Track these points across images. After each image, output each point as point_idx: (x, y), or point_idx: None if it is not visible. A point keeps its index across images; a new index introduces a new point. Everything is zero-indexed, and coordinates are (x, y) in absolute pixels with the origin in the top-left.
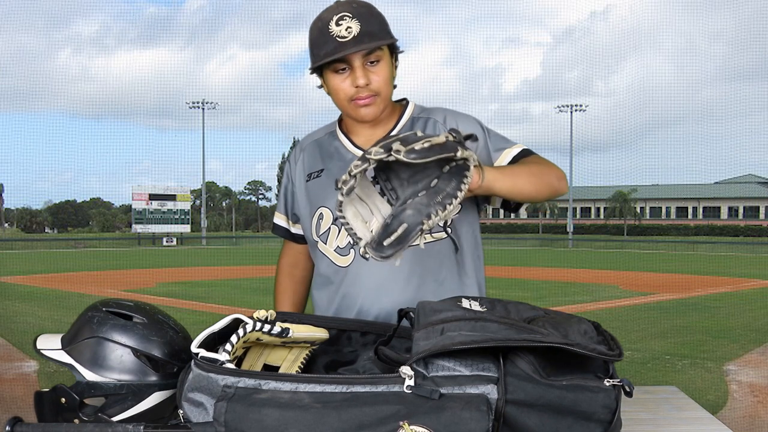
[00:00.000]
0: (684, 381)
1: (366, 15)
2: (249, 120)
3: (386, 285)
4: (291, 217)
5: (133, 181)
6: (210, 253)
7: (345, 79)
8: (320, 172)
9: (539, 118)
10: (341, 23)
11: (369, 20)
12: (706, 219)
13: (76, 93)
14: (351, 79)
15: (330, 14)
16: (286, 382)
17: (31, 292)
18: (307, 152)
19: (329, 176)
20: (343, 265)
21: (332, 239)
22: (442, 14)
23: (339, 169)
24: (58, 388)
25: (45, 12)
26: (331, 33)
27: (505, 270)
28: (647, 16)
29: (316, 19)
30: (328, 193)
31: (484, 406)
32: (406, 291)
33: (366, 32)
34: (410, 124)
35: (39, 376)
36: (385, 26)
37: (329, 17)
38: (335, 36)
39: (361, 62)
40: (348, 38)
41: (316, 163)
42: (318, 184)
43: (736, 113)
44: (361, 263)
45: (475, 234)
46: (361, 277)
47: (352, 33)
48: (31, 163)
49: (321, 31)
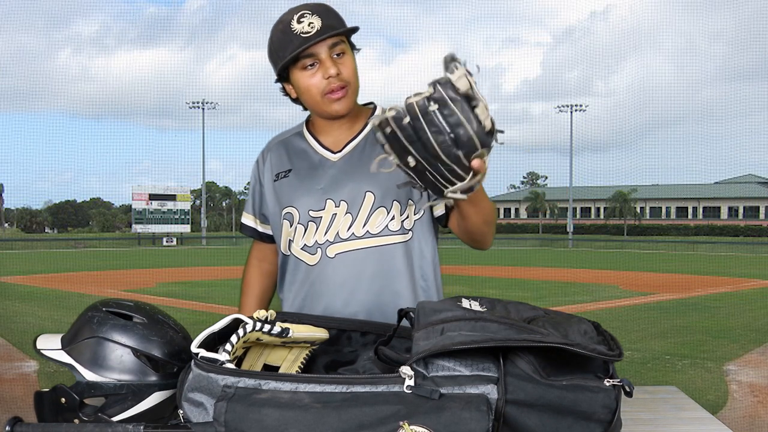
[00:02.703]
0: (684, 381)
1: (324, 11)
2: (249, 120)
3: (351, 283)
4: (259, 217)
5: (133, 181)
6: (210, 253)
7: (315, 74)
8: (288, 172)
9: (539, 118)
10: (302, 20)
11: (328, 15)
12: (706, 219)
13: (76, 93)
14: (321, 71)
15: (289, 15)
16: (286, 382)
17: (31, 292)
18: (274, 152)
19: (297, 176)
20: (310, 263)
21: (299, 238)
22: (442, 14)
23: (306, 169)
24: (58, 388)
25: (45, 12)
26: (294, 31)
27: (505, 270)
28: (647, 16)
29: (276, 23)
30: (296, 192)
31: (484, 406)
32: (371, 290)
33: (328, 25)
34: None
35: (39, 376)
36: (342, 21)
37: (289, 18)
38: (298, 33)
39: (327, 54)
40: (312, 32)
41: (283, 163)
42: (286, 184)
43: (736, 113)
44: (328, 262)
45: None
46: (327, 275)
47: (314, 27)
48: (31, 163)
49: (284, 32)
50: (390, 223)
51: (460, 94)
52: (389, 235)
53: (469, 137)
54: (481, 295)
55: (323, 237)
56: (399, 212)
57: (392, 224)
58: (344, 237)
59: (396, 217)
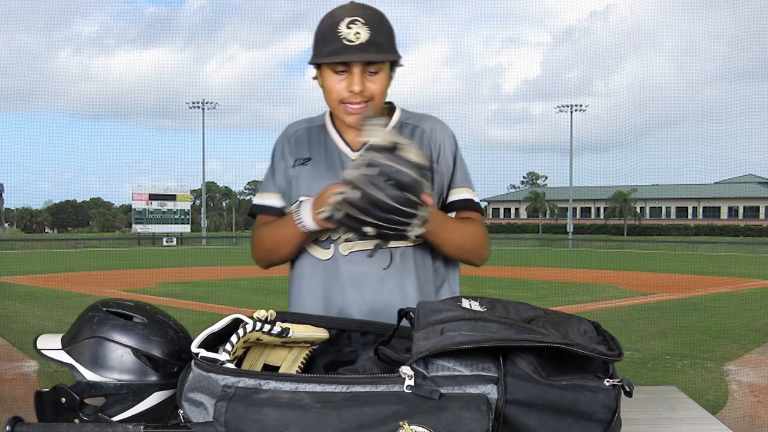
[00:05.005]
0: (684, 381)
1: (377, 24)
2: (249, 120)
3: (363, 282)
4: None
5: (133, 181)
6: (210, 253)
7: (341, 81)
8: (307, 161)
9: (539, 118)
10: (351, 27)
11: (379, 30)
12: (706, 219)
13: (76, 93)
14: (347, 82)
15: (343, 14)
16: (286, 382)
17: (31, 292)
18: (296, 138)
19: (315, 167)
20: (322, 258)
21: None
22: (442, 14)
23: (325, 162)
24: (58, 388)
25: (45, 12)
26: (339, 34)
27: (505, 270)
28: (647, 16)
29: (328, 15)
30: (312, 183)
31: (484, 406)
32: (383, 289)
33: (373, 42)
34: (398, 129)
35: (39, 376)
36: (392, 40)
37: (341, 17)
38: (342, 38)
39: (360, 69)
40: (354, 43)
41: (303, 150)
42: (303, 172)
43: (736, 113)
44: (341, 258)
45: None
46: (340, 271)
47: (359, 39)
48: (31, 163)
49: (330, 29)
50: None
51: (385, 147)
52: None
53: (410, 177)
54: (481, 295)
55: (337, 233)
56: None
57: None
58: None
59: None
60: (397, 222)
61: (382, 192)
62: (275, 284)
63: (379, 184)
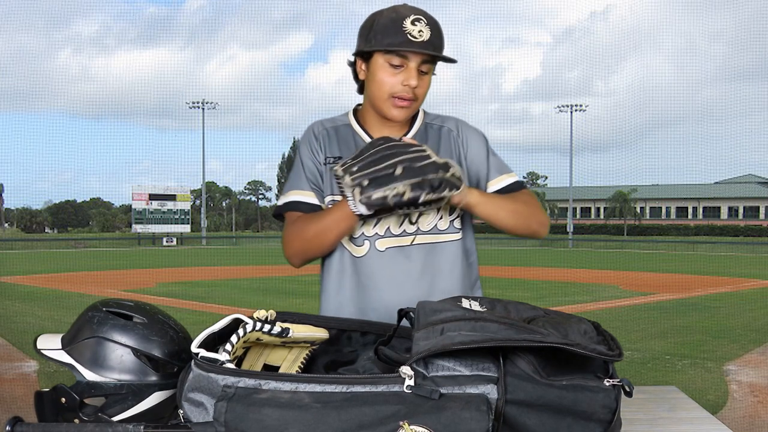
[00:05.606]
0: (684, 381)
1: (436, 28)
2: (249, 120)
3: (400, 278)
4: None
5: (133, 181)
6: (210, 253)
7: (396, 75)
8: (337, 159)
9: (539, 118)
10: (416, 24)
11: (437, 33)
12: (706, 219)
13: (76, 93)
14: (403, 76)
15: (406, 12)
16: (286, 382)
17: (31, 292)
18: (324, 136)
19: None
20: (357, 255)
21: None
22: (442, 14)
23: None
24: (58, 388)
25: (45, 12)
26: (404, 28)
27: (505, 270)
28: (647, 16)
29: (389, 9)
30: None
31: (484, 406)
32: (420, 285)
33: (434, 42)
34: (424, 130)
35: (39, 376)
36: (443, 44)
37: (405, 14)
38: (408, 32)
39: (417, 65)
40: (418, 40)
41: (333, 149)
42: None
43: (736, 113)
44: (377, 255)
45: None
46: (376, 268)
47: (422, 37)
48: (31, 163)
49: (394, 22)
50: (439, 222)
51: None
52: (439, 233)
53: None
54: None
55: (371, 230)
56: (448, 212)
57: (441, 223)
58: (395, 232)
59: (444, 216)
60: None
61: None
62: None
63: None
